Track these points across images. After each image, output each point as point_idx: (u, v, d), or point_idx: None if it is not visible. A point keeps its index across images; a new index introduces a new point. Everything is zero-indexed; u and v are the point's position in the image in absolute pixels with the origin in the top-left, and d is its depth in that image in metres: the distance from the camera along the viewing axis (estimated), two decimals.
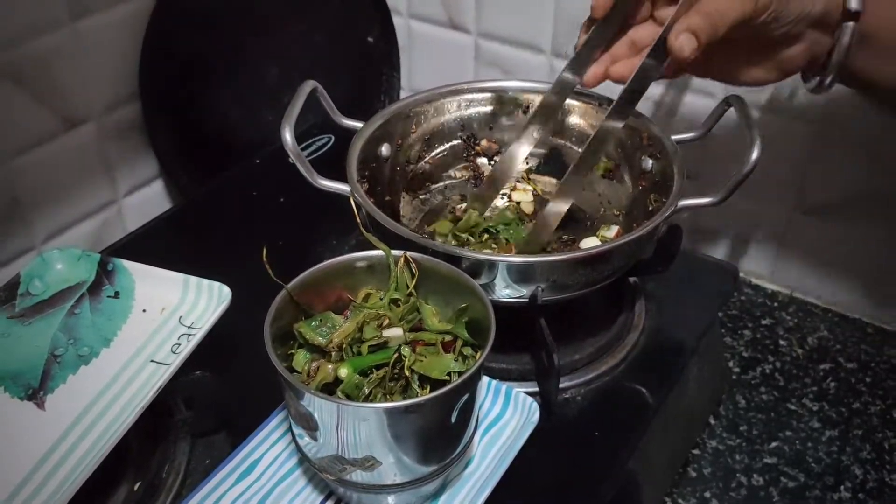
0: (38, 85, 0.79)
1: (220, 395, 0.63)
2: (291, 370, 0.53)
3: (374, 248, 0.57)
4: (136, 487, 0.56)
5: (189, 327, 0.61)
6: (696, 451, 0.75)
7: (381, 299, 0.56)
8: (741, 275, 0.82)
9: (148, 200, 0.94)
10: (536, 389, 0.64)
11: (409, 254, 0.57)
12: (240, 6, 0.93)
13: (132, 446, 0.58)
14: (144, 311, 0.63)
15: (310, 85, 0.68)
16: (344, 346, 0.53)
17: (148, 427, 0.58)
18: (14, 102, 0.77)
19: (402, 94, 1.07)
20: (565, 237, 0.72)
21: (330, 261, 0.56)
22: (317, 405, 0.48)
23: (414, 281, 0.56)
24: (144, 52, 0.86)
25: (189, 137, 0.92)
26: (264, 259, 0.53)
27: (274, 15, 0.96)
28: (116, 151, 0.89)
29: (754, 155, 0.61)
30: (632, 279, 0.73)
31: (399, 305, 0.55)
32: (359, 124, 0.72)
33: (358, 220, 0.61)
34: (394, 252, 0.57)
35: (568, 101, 0.76)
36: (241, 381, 0.64)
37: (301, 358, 0.53)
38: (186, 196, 0.93)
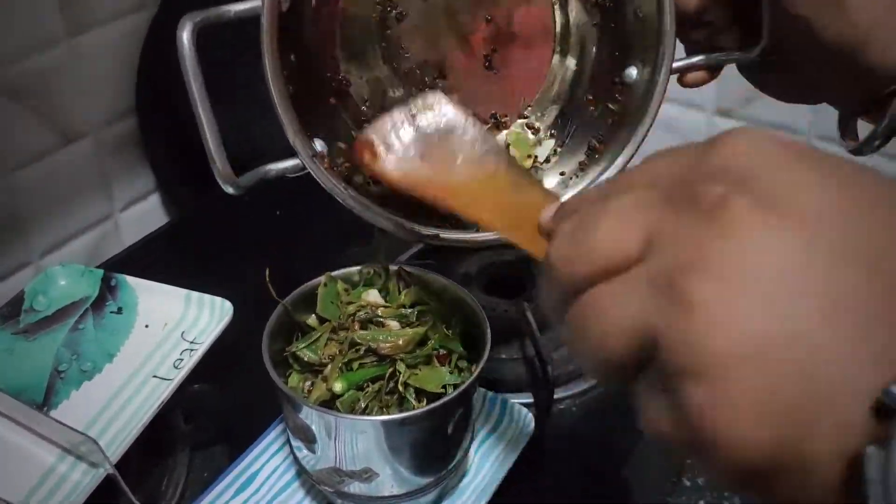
0: (36, 100, 0.79)
1: (218, 408, 0.64)
2: None
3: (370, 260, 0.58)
4: (135, 500, 0.57)
5: (191, 342, 0.62)
6: (690, 461, 0.75)
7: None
8: None
9: (145, 214, 0.95)
10: (532, 400, 0.65)
11: (403, 267, 0.57)
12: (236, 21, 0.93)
13: (132, 459, 0.58)
14: (147, 326, 0.64)
15: None
16: (336, 356, 0.53)
17: (147, 440, 0.58)
18: (12, 118, 0.77)
19: None
20: None
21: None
22: (315, 418, 0.49)
23: (407, 294, 0.56)
24: (141, 67, 0.87)
25: (185, 151, 0.93)
26: (267, 280, 0.53)
27: None
28: (114, 166, 0.89)
29: None
30: None
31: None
32: None
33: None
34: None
35: None
36: (239, 394, 0.65)
37: (295, 378, 0.54)
38: (183, 210, 0.94)
